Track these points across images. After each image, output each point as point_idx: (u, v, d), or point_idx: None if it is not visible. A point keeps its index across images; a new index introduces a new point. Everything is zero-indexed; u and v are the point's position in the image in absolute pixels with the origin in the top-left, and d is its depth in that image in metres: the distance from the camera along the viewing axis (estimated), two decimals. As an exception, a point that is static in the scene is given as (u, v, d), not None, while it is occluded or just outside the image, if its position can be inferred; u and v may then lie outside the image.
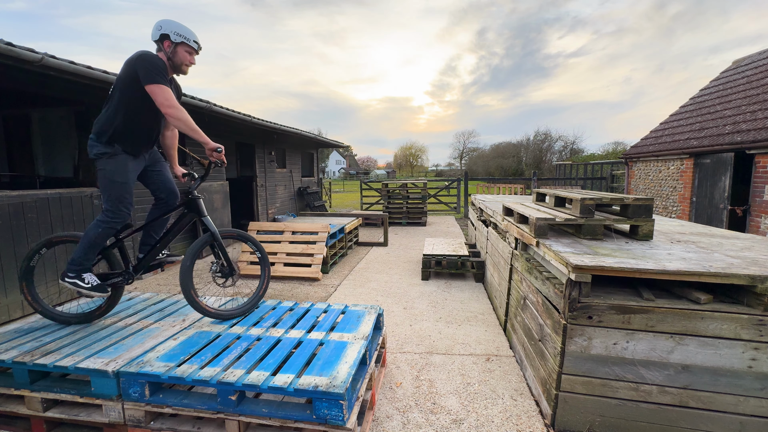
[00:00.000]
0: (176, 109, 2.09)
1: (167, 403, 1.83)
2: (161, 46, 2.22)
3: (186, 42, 2.22)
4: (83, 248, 2.23)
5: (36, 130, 5.65)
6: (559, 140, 38.99)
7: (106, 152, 2.16)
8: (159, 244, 2.46)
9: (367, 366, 2.13)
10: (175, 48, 2.20)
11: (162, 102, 2.06)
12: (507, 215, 3.56)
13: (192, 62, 2.31)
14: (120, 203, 2.21)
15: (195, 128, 2.16)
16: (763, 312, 1.80)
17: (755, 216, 5.99)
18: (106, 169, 2.18)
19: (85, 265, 2.27)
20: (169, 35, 2.17)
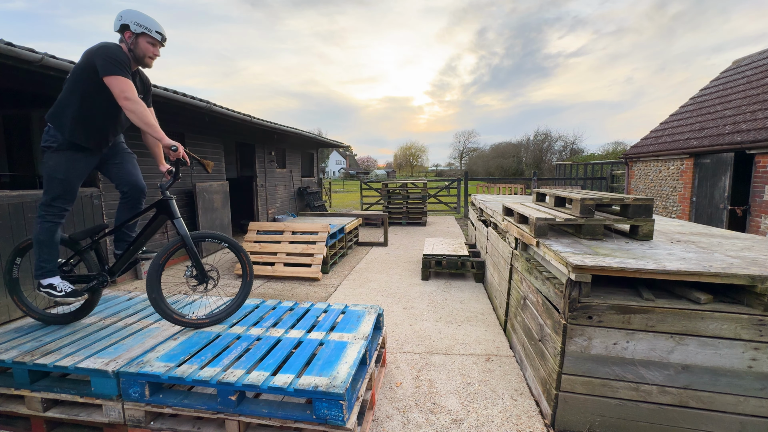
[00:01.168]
0: (132, 101, 1.98)
1: (167, 404, 1.83)
2: (122, 38, 2.11)
3: (147, 32, 2.09)
4: (36, 251, 2.20)
5: (36, 130, 5.65)
6: (559, 140, 39.00)
7: (52, 146, 2.08)
8: (133, 247, 2.36)
9: (367, 366, 2.13)
10: (136, 39, 2.09)
11: (118, 93, 1.97)
12: (507, 215, 3.56)
13: (155, 54, 2.20)
14: (54, 200, 2.13)
15: (150, 123, 2.04)
16: (763, 312, 1.80)
17: (755, 216, 5.99)
18: (48, 164, 2.10)
19: (47, 267, 2.20)
20: (129, 25, 2.06)
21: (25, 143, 5.70)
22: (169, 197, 2.30)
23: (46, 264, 2.21)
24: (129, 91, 1.99)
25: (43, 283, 2.21)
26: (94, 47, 2.03)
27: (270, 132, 8.61)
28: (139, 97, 2.04)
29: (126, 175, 2.39)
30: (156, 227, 2.36)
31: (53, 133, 2.10)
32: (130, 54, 2.13)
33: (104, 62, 1.96)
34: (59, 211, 2.18)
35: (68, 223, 4.23)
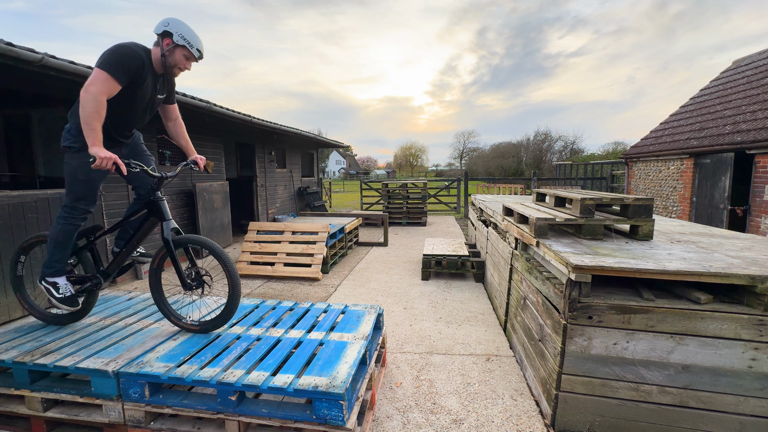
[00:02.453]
0: (90, 94, 1.86)
1: (167, 404, 1.83)
2: (160, 42, 2.12)
3: (188, 47, 2.13)
4: (49, 248, 2.20)
5: (36, 130, 5.65)
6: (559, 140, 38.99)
7: (73, 146, 2.07)
8: (126, 248, 2.34)
9: (367, 366, 2.13)
10: (174, 48, 2.12)
11: (86, 84, 1.89)
12: (507, 215, 3.56)
13: (187, 67, 2.22)
14: (77, 201, 2.14)
15: (90, 124, 1.88)
16: (763, 312, 1.79)
17: (755, 216, 5.98)
18: (70, 164, 2.09)
19: (57, 267, 2.21)
20: (173, 34, 2.09)
21: (25, 143, 5.70)
22: (160, 198, 2.26)
23: (57, 264, 2.22)
24: (96, 85, 1.89)
25: (48, 280, 2.21)
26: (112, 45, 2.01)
27: (270, 132, 8.61)
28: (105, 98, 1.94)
29: (146, 178, 2.39)
30: (147, 229, 2.31)
31: (74, 133, 2.07)
32: (161, 59, 2.12)
33: (105, 56, 1.95)
34: (82, 213, 2.18)
35: (68, 223, 4.23)
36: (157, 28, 2.12)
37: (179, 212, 6.14)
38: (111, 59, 1.94)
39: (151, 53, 2.13)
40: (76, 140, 2.07)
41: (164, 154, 5.85)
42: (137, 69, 2.04)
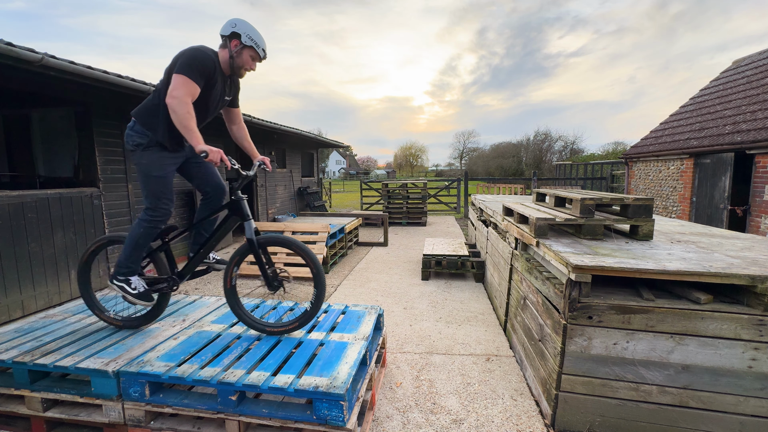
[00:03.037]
0: (177, 99, 1.92)
1: (167, 403, 1.83)
2: (227, 43, 2.13)
3: (255, 47, 2.14)
4: (127, 249, 2.17)
5: (36, 130, 5.64)
6: (559, 140, 38.99)
7: (142, 143, 2.07)
8: (203, 249, 2.30)
9: (368, 366, 2.13)
10: (242, 50, 2.13)
11: (170, 90, 1.94)
12: (507, 215, 3.56)
13: (253, 68, 2.23)
14: (159, 199, 2.11)
15: (188, 126, 1.96)
16: (763, 312, 1.80)
17: (755, 216, 5.99)
18: (143, 163, 2.09)
19: (132, 268, 2.20)
20: (241, 35, 2.10)
21: (25, 143, 5.69)
22: (241, 198, 2.23)
23: (132, 264, 2.19)
24: (181, 90, 1.95)
25: (120, 278, 2.18)
26: (183, 50, 2.04)
27: (270, 132, 8.61)
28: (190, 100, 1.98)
29: (209, 176, 2.39)
30: (227, 229, 2.29)
31: (140, 130, 2.08)
32: (229, 61, 2.14)
33: (181, 62, 1.98)
34: (164, 213, 2.15)
35: (68, 224, 4.23)
36: (224, 29, 2.13)
37: (179, 212, 6.14)
38: (188, 63, 1.97)
39: (219, 55, 2.14)
40: (143, 137, 2.07)
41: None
42: (211, 71, 2.06)
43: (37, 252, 3.89)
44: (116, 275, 2.19)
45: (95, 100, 4.59)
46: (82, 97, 4.44)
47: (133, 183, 5.21)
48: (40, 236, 3.93)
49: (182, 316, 2.54)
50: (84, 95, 4.44)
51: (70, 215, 4.26)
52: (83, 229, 4.42)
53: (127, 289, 2.17)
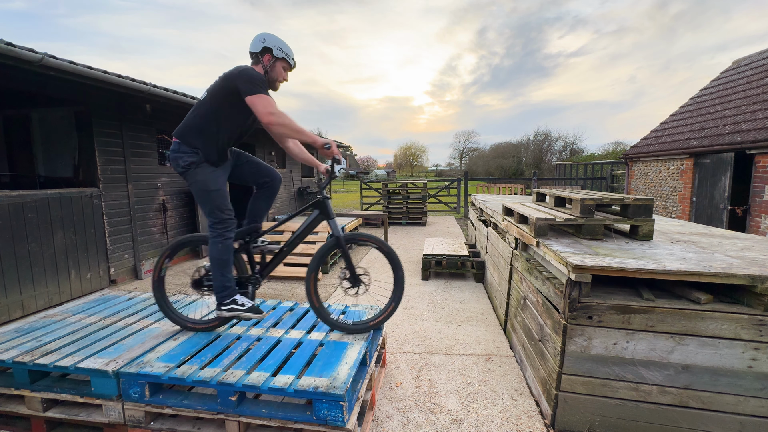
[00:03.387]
0: (277, 115, 2.01)
1: (167, 404, 1.83)
2: (260, 59, 2.17)
3: (286, 58, 2.19)
4: (217, 273, 2.17)
5: (36, 130, 5.64)
6: (559, 140, 39.01)
7: (193, 161, 2.10)
8: (287, 247, 2.35)
9: (368, 366, 2.13)
10: (275, 63, 2.17)
11: (263, 111, 2.00)
12: (507, 215, 3.56)
13: (286, 79, 2.27)
14: (222, 211, 2.14)
15: (300, 129, 2.06)
16: (763, 312, 1.80)
17: (755, 216, 5.99)
18: (198, 180, 2.11)
19: (230, 287, 2.19)
20: (272, 49, 2.14)
21: (25, 143, 5.69)
22: (327, 197, 2.28)
23: (229, 284, 2.19)
24: (273, 106, 2.02)
25: (227, 302, 2.18)
26: (234, 71, 2.06)
27: (270, 132, 8.61)
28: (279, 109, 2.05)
29: (261, 167, 2.44)
30: (313, 227, 2.34)
31: (187, 150, 2.10)
32: (265, 76, 2.17)
33: (248, 84, 2.01)
34: (230, 222, 2.18)
35: (68, 224, 4.23)
36: (254, 46, 2.16)
37: (179, 212, 6.14)
38: (255, 82, 2.02)
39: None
40: (192, 155, 2.10)
41: (164, 154, 5.85)
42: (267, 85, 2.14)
43: (37, 252, 3.90)
44: (221, 303, 2.18)
45: (95, 100, 4.59)
46: (82, 97, 4.44)
47: (133, 183, 5.22)
48: (40, 236, 3.93)
49: (182, 316, 2.54)
50: (84, 95, 4.44)
51: (70, 215, 4.26)
52: (83, 229, 4.42)
53: (238, 310, 2.17)
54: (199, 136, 2.11)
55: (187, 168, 2.11)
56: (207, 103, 2.12)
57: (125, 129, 5.08)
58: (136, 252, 5.23)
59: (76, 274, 4.33)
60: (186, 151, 2.10)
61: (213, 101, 2.11)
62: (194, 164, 2.10)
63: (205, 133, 2.11)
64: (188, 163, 2.10)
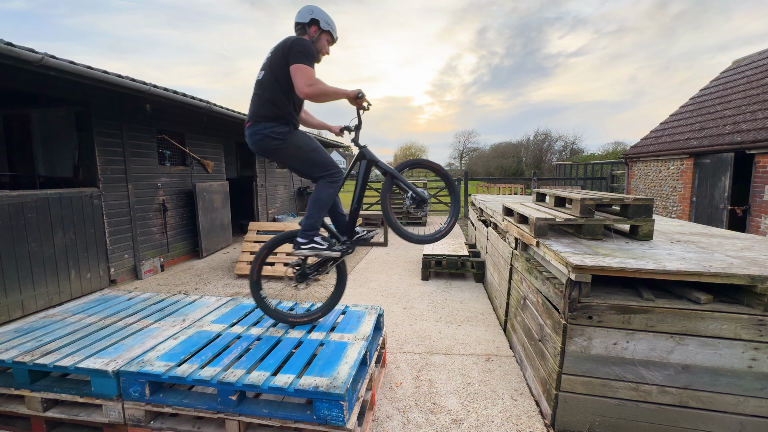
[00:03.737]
0: (314, 86, 2.04)
1: (167, 403, 1.83)
2: (306, 30, 2.22)
3: (330, 32, 2.26)
4: (314, 211, 2.23)
5: (36, 130, 5.65)
6: (559, 140, 38.96)
7: (285, 131, 2.16)
8: (356, 205, 2.43)
9: (368, 366, 2.13)
10: (320, 35, 2.24)
11: (300, 83, 2.04)
12: (507, 215, 3.56)
13: (328, 52, 2.33)
14: (329, 163, 2.23)
15: (336, 90, 2.11)
16: (763, 312, 1.80)
17: (755, 216, 5.99)
18: (298, 145, 2.18)
19: (315, 228, 2.27)
20: (319, 21, 2.20)
21: (25, 143, 5.70)
22: (364, 145, 2.37)
23: (317, 224, 2.28)
24: (312, 78, 2.06)
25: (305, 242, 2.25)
26: (286, 43, 2.11)
27: (270, 132, 8.60)
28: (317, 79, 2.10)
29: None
30: (367, 176, 2.42)
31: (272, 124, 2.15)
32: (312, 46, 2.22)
33: (296, 53, 2.06)
34: (339, 172, 2.28)
35: (68, 224, 4.23)
36: (302, 17, 2.22)
37: (179, 212, 6.14)
38: (305, 53, 2.07)
39: None
40: (281, 126, 2.16)
41: (164, 154, 5.85)
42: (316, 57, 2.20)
43: (37, 252, 3.90)
44: (302, 239, 2.25)
45: (95, 100, 4.59)
46: (82, 97, 4.44)
47: (133, 183, 5.22)
48: (40, 236, 3.93)
49: (182, 316, 2.54)
50: (84, 95, 4.44)
51: (70, 215, 4.26)
52: (83, 229, 4.42)
53: (319, 246, 2.26)
54: (278, 107, 2.16)
55: (284, 137, 2.15)
56: (269, 78, 2.17)
57: (125, 129, 5.08)
58: (136, 252, 5.23)
59: (76, 274, 4.33)
60: (271, 126, 2.14)
61: (274, 74, 2.15)
62: (288, 132, 2.17)
63: (280, 104, 2.16)
64: (283, 132, 2.15)
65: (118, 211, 4.97)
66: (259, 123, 2.16)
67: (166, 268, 5.73)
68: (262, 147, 2.19)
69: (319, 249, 2.25)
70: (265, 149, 2.20)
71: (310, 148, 2.21)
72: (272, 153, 2.21)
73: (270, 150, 2.19)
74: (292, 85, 2.12)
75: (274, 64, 2.14)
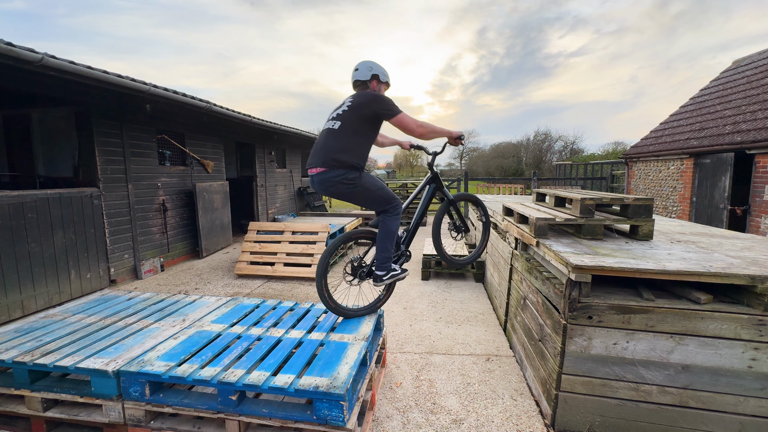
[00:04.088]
0: (423, 126, 2.35)
1: (167, 403, 1.83)
2: (368, 85, 2.50)
3: (388, 83, 2.58)
4: (387, 244, 2.45)
5: (36, 130, 5.64)
6: (559, 140, 38.94)
7: (356, 175, 2.36)
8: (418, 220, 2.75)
9: (368, 367, 2.13)
10: (380, 86, 2.54)
11: (413, 126, 2.33)
12: (507, 215, 3.56)
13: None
14: (392, 197, 2.47)
15: (440, 129, 2.43)
16: (763, 312, 1.80)
17: (755, 216, 5.99)
18: (366, 186, 2.40)
19: (391, 258, 2.50)
20: (379, 76, 2.50)
21: (25, 143, 5.69)
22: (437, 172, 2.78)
23: (390, 254, 2.49)
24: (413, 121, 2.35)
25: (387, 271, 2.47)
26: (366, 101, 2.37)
27: (270, 132, 8.61)
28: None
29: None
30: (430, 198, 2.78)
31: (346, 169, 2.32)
32: None
33: (389, 108, 2.35)
34: (399, 205, 2.52)
35: (68, 224, 4.23)
36: (363, 75, 2.49)
37: (179, 212, 6.14)
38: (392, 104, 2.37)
39: None
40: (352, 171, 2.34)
41: (164, 154, 5.85)
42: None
43: (37, 252, 3.90)
44: (381, 271, 2.45)
45: (95, 100, 4.59)
46: (82, 97, 4.44)
47: (134, 183, 5.22)
48: (40, 236, 3.93)
49: (182, 316, 2.54)
50: (84, 95, 4.44)
51: (70, 215, 4.26)
52: (83, 229, 4.42)
53: (398, 274, 2.51)
54: (357, 157, 2.36)
55: (355, 182, 2.36)
56: (350, 130, 2.37)
57: (125, 129, 5.08)
58: (136, 252, 5.23)
59: (76, 274, 4.33)
60: (344, 172, 2.33)
61: (354, 128, 2.36)
62: (357, 177, 2.37)
63: (361, 155, 2.39)
64: (354, 178, 2.35)
65: (118, 211, 4.97)
66: (333, 170, 2.31)
67: (166, 268, 5.73)
68: (332, 192, 2.38)
69: (397, 275, 2.50)
70: (334, 193, 2.39)
71: (376, 187, 2.43)
72: (341, 195, 2.41)
73: (340, 193, 2.39)
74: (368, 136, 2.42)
75: (354, 118, 2.36)
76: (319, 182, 2.37)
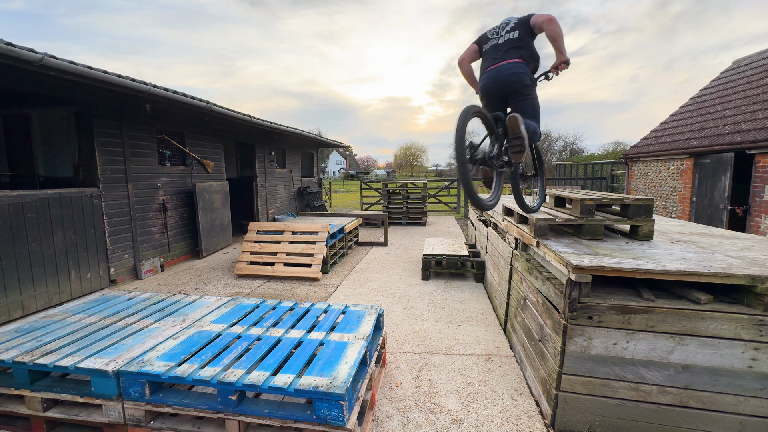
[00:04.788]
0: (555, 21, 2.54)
1: (167, 403, 1.83)
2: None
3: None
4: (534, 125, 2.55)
5: (36, 130, 5.64)
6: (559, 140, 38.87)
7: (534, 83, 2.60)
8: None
9: (368, 366, 2.13)
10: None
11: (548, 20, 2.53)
12: (507, 215, 3.56)
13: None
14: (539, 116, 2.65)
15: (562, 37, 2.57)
16: (763, 312, 1.80)
17: (755, 216, 5.99)
18: (534, 97, 2.61)
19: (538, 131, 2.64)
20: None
21: (25, 143, 5.69)
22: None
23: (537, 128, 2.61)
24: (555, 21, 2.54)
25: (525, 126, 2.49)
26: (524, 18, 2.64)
27: (270, 132, 8.61)
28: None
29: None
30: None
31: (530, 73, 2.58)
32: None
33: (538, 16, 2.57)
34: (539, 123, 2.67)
35: (68, 224, 4.23)
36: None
37: (179, 212, 6.14)
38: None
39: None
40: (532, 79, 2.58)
41: (164, 154, 5.85)
42: None
43: (37, 252, 3.90)
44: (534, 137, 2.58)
45: (95, 100, 4.59)
46: (82, 97, 4.45)
47: (133, 183, 5.22)
48: (40, 236, 3.93)
49: (182, 316, 2.55)
50: (84, 95, 4.44)
51: (70, 215, 4.27)
52: (83, 229, 4.42)
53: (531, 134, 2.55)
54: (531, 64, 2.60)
55: (533, 84, 2.59)
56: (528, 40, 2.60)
57: (125, 129, 5.08)
58: (136, 252, 5.23)
59: (76, 274, 4.34)
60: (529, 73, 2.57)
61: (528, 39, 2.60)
62: (534, 86, 2.61)
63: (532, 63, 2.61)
64: (530, 82, 2.57)
65: (118, 211, 4.97)
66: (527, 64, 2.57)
67: (166, 268, 5.73)
68: (517, 81, 2.54)
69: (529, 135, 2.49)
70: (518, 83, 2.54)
71: (537, 101, 2.64)
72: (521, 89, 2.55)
73: (522, 85, 2.54)
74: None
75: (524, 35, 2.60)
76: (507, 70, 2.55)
